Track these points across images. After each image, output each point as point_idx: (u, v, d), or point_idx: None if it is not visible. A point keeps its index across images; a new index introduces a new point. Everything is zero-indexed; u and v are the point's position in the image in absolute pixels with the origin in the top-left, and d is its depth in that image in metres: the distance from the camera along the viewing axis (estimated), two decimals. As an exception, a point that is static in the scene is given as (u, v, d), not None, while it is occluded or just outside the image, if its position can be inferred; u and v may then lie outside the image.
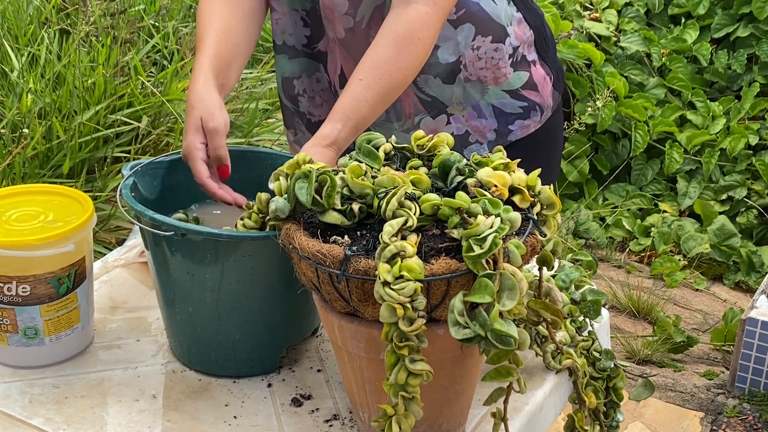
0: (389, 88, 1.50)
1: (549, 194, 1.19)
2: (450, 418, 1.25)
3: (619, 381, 1.40)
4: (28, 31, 3.59)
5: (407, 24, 1.51)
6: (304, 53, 1.78)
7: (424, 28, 1.52)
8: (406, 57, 1.51)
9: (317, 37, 1.75)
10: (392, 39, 1.51)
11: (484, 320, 1.05)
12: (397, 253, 1.08)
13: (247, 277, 1.33)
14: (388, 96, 1.52)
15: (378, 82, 1.49)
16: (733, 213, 4.06)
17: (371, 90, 1.48)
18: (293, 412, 1.34)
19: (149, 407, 1.35)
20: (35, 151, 2.96)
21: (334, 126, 1.46)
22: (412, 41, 1.51)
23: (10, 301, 1.37)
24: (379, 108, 1.51)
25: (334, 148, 1.45)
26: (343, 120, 1.46)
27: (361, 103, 1.47)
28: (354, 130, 1.48)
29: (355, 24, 1.66)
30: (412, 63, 1.52)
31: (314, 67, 1.79)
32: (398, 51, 1.51)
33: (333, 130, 1.45)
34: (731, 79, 4.41)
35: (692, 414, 2.85)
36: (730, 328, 3.25)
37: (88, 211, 1.42)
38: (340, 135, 1.45)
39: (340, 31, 1.69)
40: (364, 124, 1.49)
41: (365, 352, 1.18)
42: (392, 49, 1.50)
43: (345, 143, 1.47)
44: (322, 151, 1.43)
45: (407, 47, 1.51)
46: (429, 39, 1.54)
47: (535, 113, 1.77)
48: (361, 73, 1.49)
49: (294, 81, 1.82)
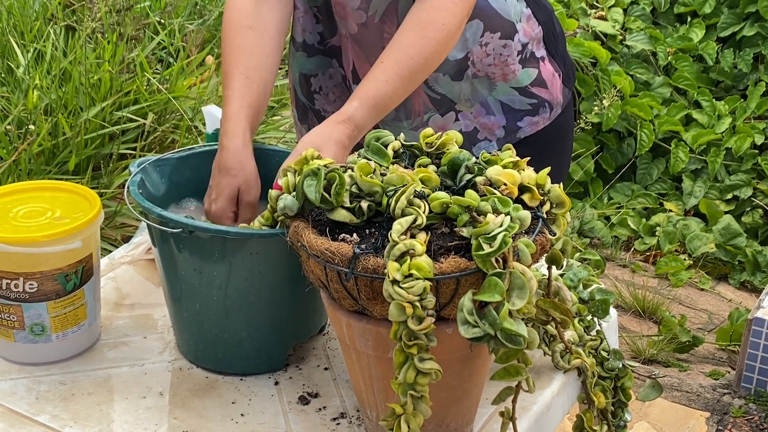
0: (411, 70, 1.50)
1: (558, 193, 1.19)
2: (458, 416, 1.24)
3: (627, 381, 1.40)
4: (34, 27, 3.60)
5: (431, 11, 1.51)
6: (319, 50, 1.78)
7: (449, 15, 1.52)
8: (429, 41, 1.51)
9: (329, 33, 1.75)
10: (415, 24, 1.51)
11: (494, 319, 1.05)
12: (407, 251, 1.08)
13: (255, 274, 1.33)
14: (411, 78, 1.51)
15: (399, 63, 1.49)
16: (739, 212, 4.05)
17: (391, 71, 1.48)
18: (300, 410, 1.34)
19: (156, 404, 1.34)
20: (41, 148, 2.96)
21: (350, 104, 1.46)
22: (435, 26, 1.51)
23: (17, 297, 1.37)
24: (401, 89, 1.50)
25: (349, 124, 1.44)
26: (360, 98, 1.46)
27: (379, 83, 1.47)
28: (374, 110, 1.47)
29: (367, 19, 1.66)
30: (434, 47, 1.52)
31: (327, 64, 1.79)
32: (420, 35, 1.50)
33: (349, 108, 1.45)
34: (737, 78, 4.40)
35: (698, 414, 2.85)
36: (736, 327, 3.24)
37: (96, 207, 1.41)
38: (357, 112, 1.45)
39: (353, 27, 1.68)
40: (385, 103, 1.49)
41: (373, 350, 1.17)
42: (414, 33, 1.51)
43: (364, 122, 1.46)
44: (334, 126, 1.43)
45: (429, 31, 1.51)
46: (453, 26, 1.53)
47: (544, 110, 1.77)
48: (383, 56, 1.50)
49: (311, 78, 1.82)
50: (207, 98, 3.44)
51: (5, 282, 1.36)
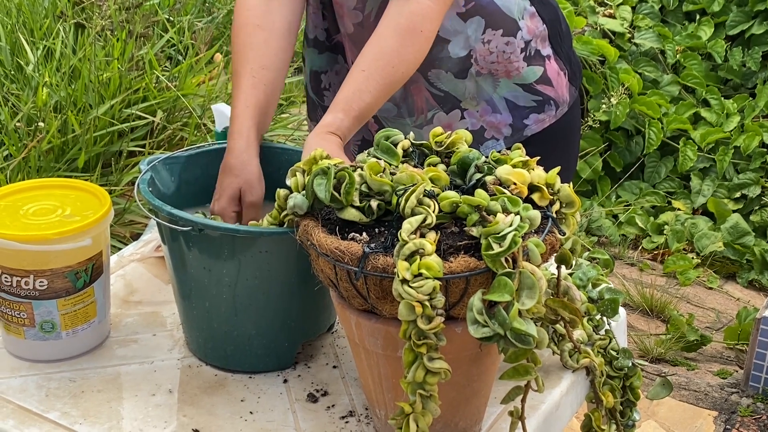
0: (392, 80, 1.50)
1: (568, 192, 1.19)
2: (467, 416, 1.24)
3: (636, 380, 1.40)
4: (43, 24, 3.60)
5: (410, 16, 1.50)
6: (327, 46, 1.78)
7: (426, 21, 1.51)
8: (409, 49, 1.50)
9: (335, 30, 1.75)
10: (395, 30, 1.50)
11: (504, 319, 1.05)
12: (416, 250, 1.08)
13: (264, 273, 1.33)
14: (391, 87, 1.51)
15: (380, 73, 1.48)
16: (747, 211, 4.04)
17: (373, 81, 1.48)
18: (309, 408, 1.34)
19: (165, 402, 1.35)
20: (50, 145, 2.97)
21: (335, 116, 1.45)
22: (415, 33, 1.50)
23: (27, 294, 1.37)
24: (381, 99, 1.50)
25: (337, 135, 1.44)
26: (345, 110, 1.46)
27: (363, 94, 1.47)
28: (356, 120, 1.47)
29: (363, 18, 1.66)
30: (414, 55, 1.52)
31: (334, 60, 1.79)
32: (401, 43, 1.50)
33: (335, 120, 1.45)
34: (746, 76, 4.39)
35: (706, 413, 2.84)
36: (744, 326, 3.24)
37: (106, 205, 1.42)
38: (343, 124, 1.45)
39: (349, 26, 1.69)
40: (367, 114, 1.49)
41: (382, 349, 1.18)
42: (396, 40, 1.50)
43: (349, 132, 1.47)
44: (327, 137, 1.42)
45: (410, 39, 1.50)
46: (431, 32, 1.53)
47: (550, 107, 1.76)
48: (363, 64, 1.49)
49: (321, 75, 1.83)
50: (216, 96, 3.44)
51: (15, 279, 1.36)
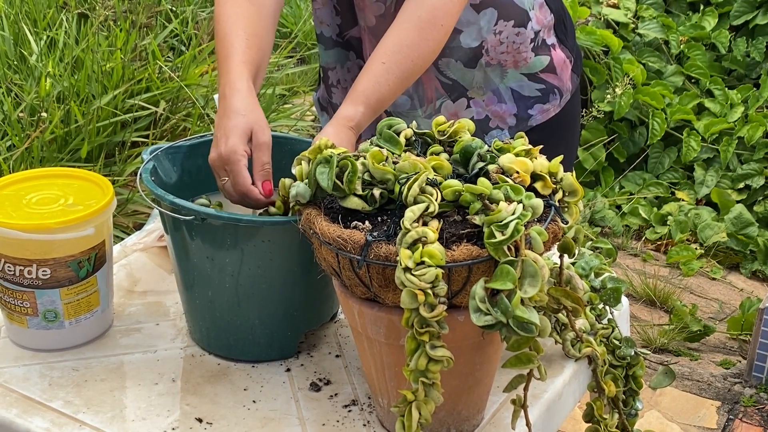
0: (410, 73, 1.49)
1: (571, 181, 1.18)
2: (469, 404, 1.24)
3: (638, 369, 1.40)
4: (47, 15, 3.60)
5: (431, 10, 1.50)
6: (337, 43, 1.78)
7: (447, 16, 1.51)
8: (428, 43, 1.50)
9: (347, 26, 1.74)
10: (416, 24, 1.49)
11: (506, 307, 1.05)
12: (419, 239, 1.08)
13: (267, 262, 1.33)
14: (408, 80, 1.51)
15: (399, 66, 1.48)
16: (751, 202, 4.04)
17: (392, 74, 1.47)
18: (312, 397, 1.35)
19: (168, 391, 1.35)
20: (53, 135, 2.97)
21: (357, 108, 1.44)
22: (435, 27, 1.50)
23: (30, 284, 1.37)
24: (398, 91, 1.50)
25: (356, 130, 1.44)
26: (365, 103, 1.45)
27: (382, 86, 1.46)
28: (373, 113, 1.47)
29: (385, 10, 1.66)
30: (433, 49, 1.51)
31: (345, 57, 1.78)
32: (421, 37, 1.49)
33: (356, 113, 1.43)
34: (750, 66, 4.38)
35: (709, 403, 2.84)
36: (747, 317, 3.24)
37: (108, 195, 1.42)
38: (363, 118, 1.44)
39: (371, 19, 1.68)
40: (382, 107, 1.49)
41: (385, 337, 1.18)
42: (415, 34, 1.49)
43: (365, 126, 1.46)
44: (347, 133, 1.41)
45: (430, 33, 1.50)
46: (450, 26, 1.53)
47: (554, 96, 1.76)
48: (383, 56, 1.48)
49: (329, 72, 1.82)
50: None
51: (18, 269, 1.36)
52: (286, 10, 4.47)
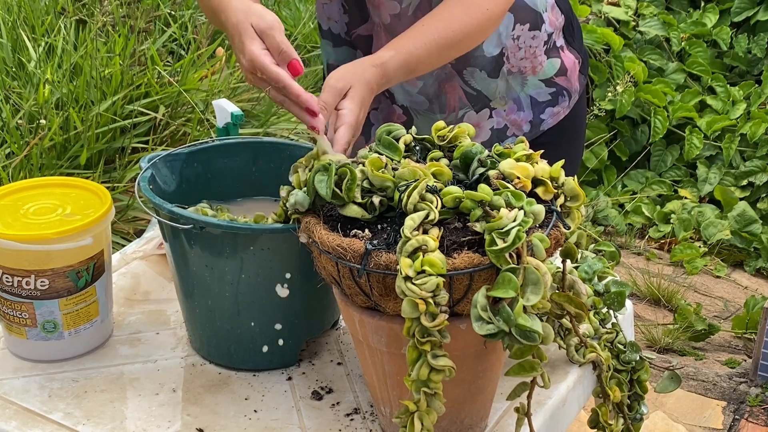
0: (448, 43, 1.48)
1: (573, 185, 1.17)
2: (472, 413, 1.23)
3: (643, 373, 1.39)
4: (45, 21, 3.59)
5: None
6: (345, 41, 1.77)
7: (492, 2, 1.52)
8: (471, 20, 1.50)
9: (356, 23, 1.73)
10: (459, 2, 1.50)
11: (508, 315, 1.03)
12: (419, 247, 1.06)
13: (266, 270, 1.32)
14: (446, 50, 1.50)
15: (438, 31, 1.47)
16: (754, 199, 4.03)
17: (429, 36, 1.46)
18: (314, 405, 1.33)
19: (169, 401, 1.34)
20: (52, 142, 2.96)
21: (384, 52, 1.44)
22: (479, 8, 1.50)
23: (28, 295, 1.36)
24: (433, 55, 1.48)
25: (381, 69, 1.41)
26: (396, 49, 1.44)
27: (417, 43, 1.45)
28: (404, 67, 1.45)
29: (401, 10, 1.65)
30: (475, 28, 1.51)
31: (352, 55, 1.77)
32: (464, 12, 1.49)
33: (384, 54, 1.43)
34: (751, 63, 4.36)
35: (714, 403, 2.83)
36: (752, 315, 3.22)
37: (106, 204, 1.41)
38: (391, 62, 1.42)
39: (386, 17, 1.67)
40: (415, 65, 1.46)
41: (386, 346, 1.16)
42: (458, 9, 1.50)
43: (393, 74, 1.44)
44: (370, 69, 1.40)
45: (473, 11, 1.50)
46: (495, 15, 1.53)
47: (563, 99, 1.77)
48: (424, 20, 1.49)
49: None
50: (218, 90, 3.43)
51: (17, 279, 1.35)
52: (285, 13, 4.46)
